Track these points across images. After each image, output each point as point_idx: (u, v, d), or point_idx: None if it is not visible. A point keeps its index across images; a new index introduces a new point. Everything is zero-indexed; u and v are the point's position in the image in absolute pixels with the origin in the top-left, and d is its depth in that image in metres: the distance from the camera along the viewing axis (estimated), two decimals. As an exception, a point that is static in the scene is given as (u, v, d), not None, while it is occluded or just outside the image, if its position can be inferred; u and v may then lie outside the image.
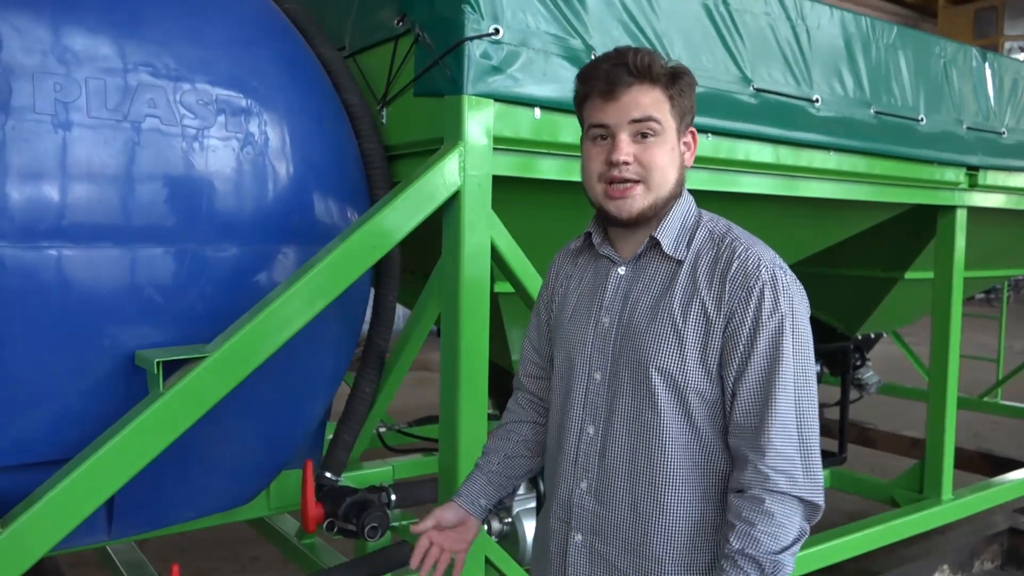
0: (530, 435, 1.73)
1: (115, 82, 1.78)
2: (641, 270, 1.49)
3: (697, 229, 1.47)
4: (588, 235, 1.57)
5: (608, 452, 1.46)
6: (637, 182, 1.41)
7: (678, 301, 1.42)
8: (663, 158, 1.42)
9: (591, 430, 1.48)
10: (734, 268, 1.40)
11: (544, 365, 1.71)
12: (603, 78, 1.41)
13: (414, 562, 1.59)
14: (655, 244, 1.47)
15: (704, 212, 1.52)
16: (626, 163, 1.40)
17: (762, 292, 1.37)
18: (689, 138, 1.48)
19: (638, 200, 1.42)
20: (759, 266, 1.39)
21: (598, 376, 1.49)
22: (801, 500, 1.34)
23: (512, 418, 1.75)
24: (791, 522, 1.33)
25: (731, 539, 1.33)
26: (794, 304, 1.39)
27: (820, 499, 1.35)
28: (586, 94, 1.46)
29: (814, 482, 1.35)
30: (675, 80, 1.43)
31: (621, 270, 1.50)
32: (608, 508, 1.46)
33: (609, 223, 1.50)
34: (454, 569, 1.61)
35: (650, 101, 1.40)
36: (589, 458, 1.48)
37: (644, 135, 1.40)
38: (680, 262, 1.45)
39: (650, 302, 1.45)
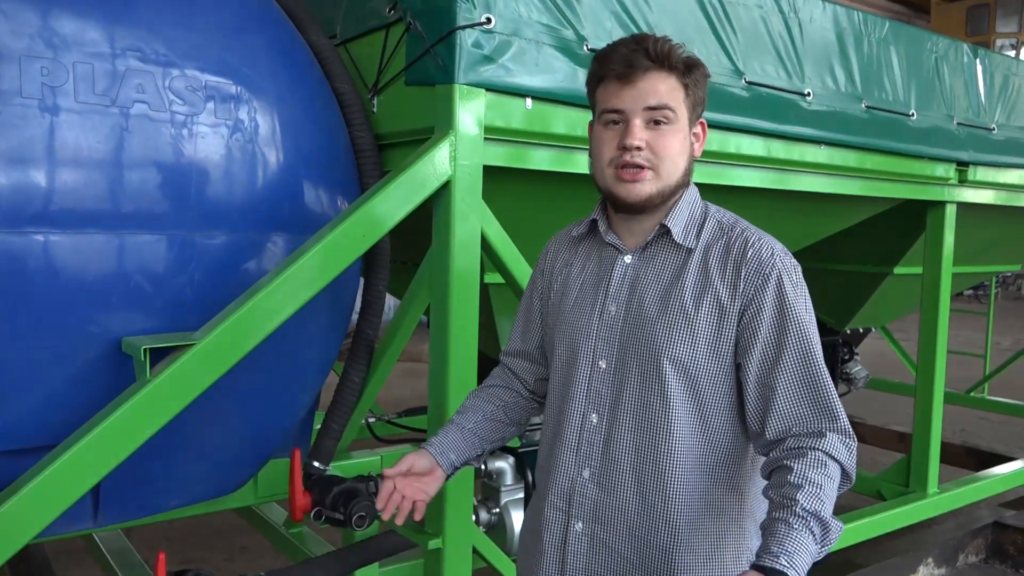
0: (511, 403, 1.71)
1: (103, 67, 1.77)
2: (649, 260, 1.49)
3: (706, 219, 1.49)
4: (593, 222, 1.57)
5: (613, 440, 1.46)
6: (647, 168, 1.41)
7: (690, 291, 1.43)
8: (675, 146, 1.42)
9: (594, 418, 1.48)
10: (748, 255, 1.42)
11: (529, 351, 1.71)
12: (621, 61, 1.40)
13: (379, 505, 1.55)
14: (665, 232, 1.47)
15: (710, 204, 1.53)
16: (639, 148, 1.39)
17: (780, 279, 1.41)
18: (699, 129, 1.49)
19: (647, 185, 1.42)
20: (772, 254, 1.42)
21: (603, 364, 1.48)
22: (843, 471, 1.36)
23: (496, 383, 1.74)
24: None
25: (799, 498, 1.27)
26: (806, 290, 1.45)
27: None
28: (602, 76, 1.44)
29: None
30: (691, 70, 1.43)
31: (627, 259, 1.50)
32: (611, 495, 1.46)
33: (617, 208, 1.49)
34: (415, 515, 1.58)
35: (666, 88, 1.40)
36: (592, 446, 1.48)
37: (658, 122, 1.40)
38: (690, 251, 1.46)
39: (660, 292, 1.45)
